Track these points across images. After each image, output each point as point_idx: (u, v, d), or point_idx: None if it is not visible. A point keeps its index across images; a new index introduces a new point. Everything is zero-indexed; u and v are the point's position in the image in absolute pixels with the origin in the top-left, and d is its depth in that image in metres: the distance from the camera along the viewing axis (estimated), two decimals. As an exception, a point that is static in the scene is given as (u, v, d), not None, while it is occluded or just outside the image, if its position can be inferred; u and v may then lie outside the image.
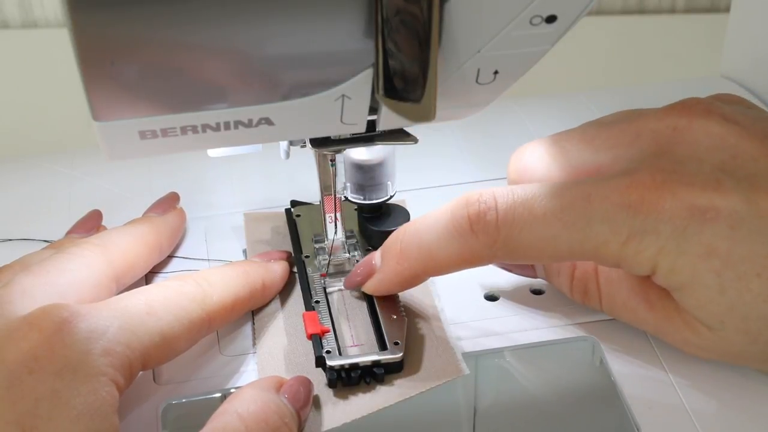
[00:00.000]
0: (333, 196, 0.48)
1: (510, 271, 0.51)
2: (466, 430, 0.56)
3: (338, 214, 0.49)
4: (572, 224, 0.42)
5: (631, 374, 0.46)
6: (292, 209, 0.54)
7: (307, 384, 0.43)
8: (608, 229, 0.41)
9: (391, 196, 0.51)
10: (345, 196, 0.51)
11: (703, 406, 0.44)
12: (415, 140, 0.46)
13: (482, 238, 0.43)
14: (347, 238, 0.51)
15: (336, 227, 0.49)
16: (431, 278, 0.51)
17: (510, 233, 0.43)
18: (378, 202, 0.51)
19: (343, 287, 0.49)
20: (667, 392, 0.45)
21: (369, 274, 0.47)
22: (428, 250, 0.45)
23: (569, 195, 0.42)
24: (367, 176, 0.50)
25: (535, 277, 0.50)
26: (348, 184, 0.50)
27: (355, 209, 0.52)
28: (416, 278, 0.46)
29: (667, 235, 0.41)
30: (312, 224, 0.53)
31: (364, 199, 0.50)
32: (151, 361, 0.42)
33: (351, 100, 0.39)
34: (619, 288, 0.46)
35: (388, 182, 0.50)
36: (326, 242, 0.50)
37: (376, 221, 0.51)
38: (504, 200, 0.43)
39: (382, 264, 0.46)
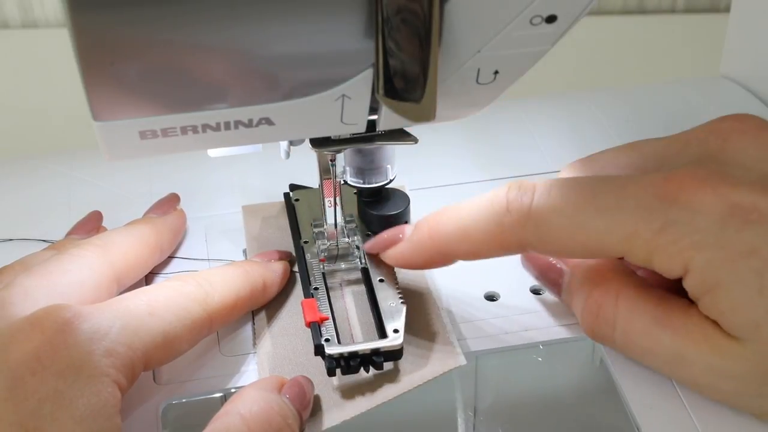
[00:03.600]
0: (332, 179, 0.48)
1: (540, 283, 0.50)
2: (466, 430, 0.56)
3: (338, 199, 0.49)
4: (604, 211, 0.41)
5: (631, 374, 0.46)
6: (291, 193, 0.54)
7: (308, 384, 0.43)
8: (640, 218, 0.40)
9: (391, 180, 0.50)
10: (344, 180, 0.50)
11: (703, 406, 0.44)
12: (415, 140, 0.46)
13: (515, 219, 0.43)
14: (346, 222, 0.51)
15: (335, 212, 0.49)
16: (432, 278, 0.51)
17: (542, 215, 0.42)
18: (377, 186, 0.50)
19: (342, 268, 0.49)
20: (667, 392, 0.45)
21: (393, 243, 0.47)
22: (463, 227, 0.44)
23: (605, 184, 0.42)
24: (367, 160, 0.49)
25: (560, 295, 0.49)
26: (347, 168, 0.50)
27: (355, 193, 0.51)
28: (444, 256, 0.46)
29: (705, 229, 0.39)
30: (311, 208, 0.52)
31: (364, 183, 0.50)
32: (152, 361, 0.42)
33: (351, 100, 0.39)
34: (642, 315, 0.43)
35: (388, 166, 0.50)
36: (325, 227, 0.50)
37: (375, 206, 0.51)
38: (542, 185, 0.43)
39: (414, 234, 0.46)
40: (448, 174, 0.59)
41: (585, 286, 0.46)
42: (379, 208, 0.51)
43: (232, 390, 0.46)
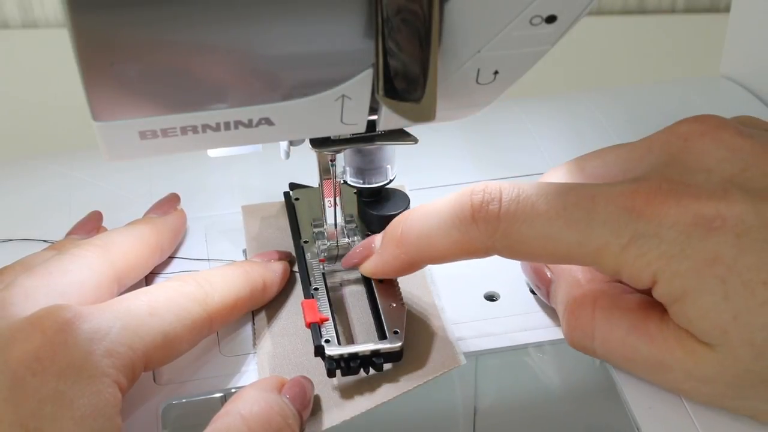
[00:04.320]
0: (332, 179, 0.48)
1: (534, 287, 0.50)
2: (466, 430, 0.56)
3: (338, 199, 0.49)
4: (574, 223, 0.41)
5: (631, 374, 0.45)
6: (291, 192, 0.54)
7: (308, 384, 0.43)
8: (609, 232, 0.41)
9: (391, 180, 0.50)
10: (344, 180, 0.50)
11: (703, 407, 0.44)
12: (415, 140, 0.46)
13: (482, 228, 0.43)
14: (347, 222, 0.51)
15: (335, 212, 0.49)
16: (432, 278, 0.51)
17: (510, 226, 0.42)
18: (377, 186, 0.50)
19: (342, 268, 0.49)
20: (667, 393, 0.45)
21: (367, 256, 0.47)
22: (428, 237, 0.44)
23: (574, 195, 0.42)
24: (367, 160, 0.49)
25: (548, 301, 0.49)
26: (347, 168, 0.50)
27: (355, 193, 0.51)
28: (413, 264, 0.46)
29: (670, 241, 0.40)
30: (311, 208, 0.52)
31: (364, 183, 0.50)
32: (153, 361, 0.42)
33: (351, 100, 0.39)
34: (619, 324, 0.44)
35: (388, 166, 0.50)
36: (325, 227, 0.50)
37: (375, 206, 0.51)
38: (509, 193, 0.43)
39: (381, 246, 0.46)
40: (448, 174, 0.59)
41: (565, 296, 0.46)
42: (379, 208, 0.51)
43: (232, 390, 0.46)
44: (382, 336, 0.46)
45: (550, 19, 0.38)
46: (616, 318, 0.44)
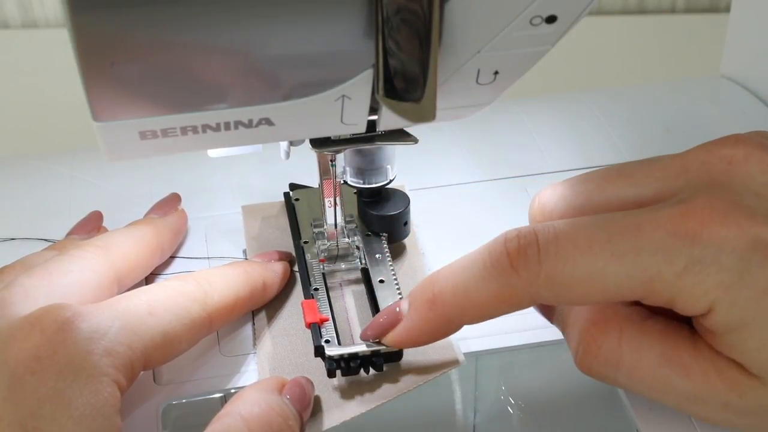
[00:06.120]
0: (332, 179, 0.48)
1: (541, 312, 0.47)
2: (466, 430, 0.56)
3: (338, 199, 0.48)
4: (621, 255, 0.38)
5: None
6: (291, 193, 0.54)
7: (308, 385, 0.43)
8: (662, 259, 0.38)
9: (391, 180, 0.50)
10: (344, 180, 0.50)
11: (703, 406, 0.44)
12: (415, 140, 0.46)
13: (524, 275, 0.39)
14: (347, 222, 0.51)
15: (335, 212, 0.49)
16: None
17: (554, 268, 0.39)
18: (377, 186, 0.50)
19: (342, 268, 0.49)
20: (667, 392, 0.45)
21: (394, 323, 0.43)
22: (464, 292, 0.41)
23: (616, 225, 0.39)
24: (367, 160, 0.49)
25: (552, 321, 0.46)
26: (347, 168, 0.50)
27: (355, 193, 0.51)
28: (450, 325, 0.42)
29: (729, 267, 0.37)
30: (311, 208, 0.52)
31: (364, 183, 0.50)
32: (152, 361, 0.42)
33: (351, 101, 0.39)
34: (649, 354, 0.41)
35: (388, 166, 0.49)
36: (325, 227, 0.50)
37: (375, 206, 0.51)
38: (545, 234, 0.39)
39: (411, 311, 0.43)
40: (448, 174, 0.59)
41: (580, 321, 0.43)
42: (379, 208, 0.51)
43: (232, 390, 0.46)
44: (382, 336, 0.46)
45: (550, 19, 0.38)
46: (646, 347, 0.41)
